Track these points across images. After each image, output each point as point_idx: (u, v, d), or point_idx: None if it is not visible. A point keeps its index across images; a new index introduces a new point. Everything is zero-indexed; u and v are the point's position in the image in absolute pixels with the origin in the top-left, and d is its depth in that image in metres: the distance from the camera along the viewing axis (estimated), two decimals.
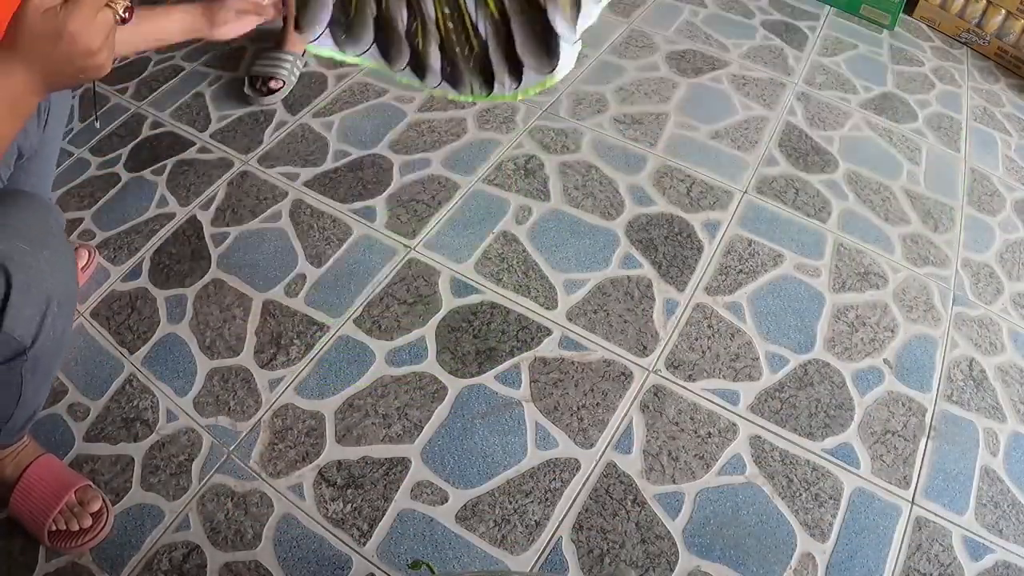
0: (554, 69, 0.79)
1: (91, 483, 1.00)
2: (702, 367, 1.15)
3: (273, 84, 1.55)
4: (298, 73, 1.60)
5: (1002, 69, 1.89)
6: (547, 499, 1.01)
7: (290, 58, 1.57)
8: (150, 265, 1.27)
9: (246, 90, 1.55)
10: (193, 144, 1.48)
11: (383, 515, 0.99)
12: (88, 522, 0.96)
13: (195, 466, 1.03)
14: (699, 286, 1.26)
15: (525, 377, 1.13)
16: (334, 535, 0.97)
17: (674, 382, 1.13)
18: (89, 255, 1.25)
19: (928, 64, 1.85)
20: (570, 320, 1.20)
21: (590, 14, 0.75)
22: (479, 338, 1.17)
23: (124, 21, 0.63)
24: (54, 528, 0.94)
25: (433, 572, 0.83)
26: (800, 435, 1.09)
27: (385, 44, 0.84)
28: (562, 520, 0.99)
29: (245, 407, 1.09)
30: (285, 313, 1.20)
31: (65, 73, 0.60)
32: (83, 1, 0.56)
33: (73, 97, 1.11)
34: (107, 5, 0.58)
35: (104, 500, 0.98)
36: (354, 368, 1.14)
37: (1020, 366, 1.21)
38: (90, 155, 1.47)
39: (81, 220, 1.34)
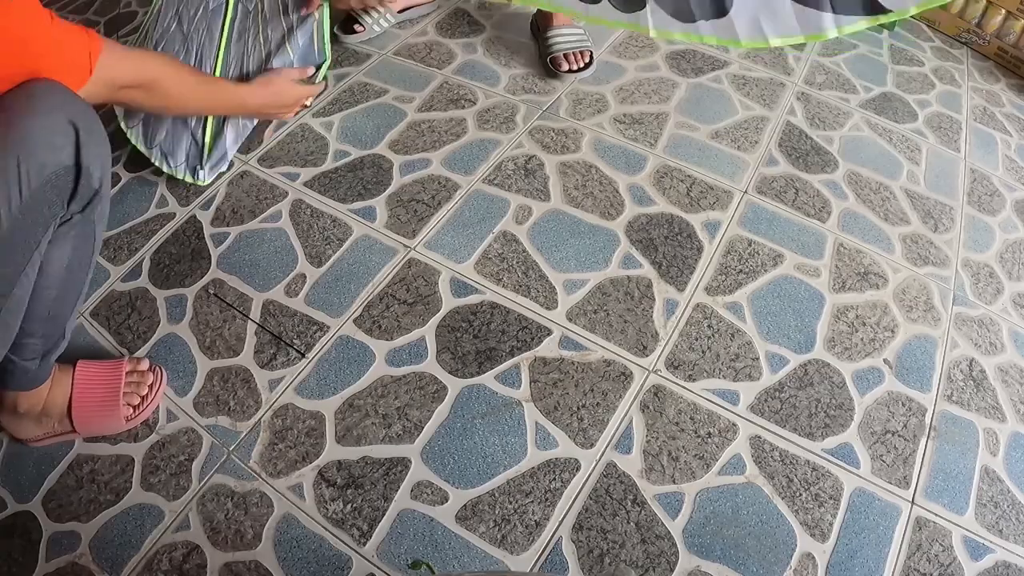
0: None
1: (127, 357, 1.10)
2: (702, 367, 1.15)
3: (356, 27, 1.70)
4: (385, 26, 1.73)
5: (1002, 69, 1.89)
6: (547, 499, 1.01)
7: (380, 10, 1.69)
8: (150, 265, 1.27)
9: (336, 30, 1.68)
10: None
11: (383, 515, 0.99)
12: (151, 378, 1.07)
13: (195, 466, 1.03)
14: (699, 286, 1.26)
15: (525, 377, 1.13)
16: (334, 535, 0.97)
17: (674, 382, 1.13)
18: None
19: (928, 64, 1.85)
20: (570, 320, 1.20)
21: None
22: (479, 338, 1.17)
23: (306, 107, 1.41)
24: (130, 414, 1.04)
25: (433, 572, 0.83)
26: (800, 435, 1.09)
27: None
28: (562, 520, 0.99)
29: (245, 407, 1.09)
30: (285, 313, 1.20)
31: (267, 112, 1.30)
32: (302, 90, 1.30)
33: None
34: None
35: (148, 360, 1.10)
36: (354, 368, 1.14)
37: (1020, 366, 1.21)
38: None
39: None
